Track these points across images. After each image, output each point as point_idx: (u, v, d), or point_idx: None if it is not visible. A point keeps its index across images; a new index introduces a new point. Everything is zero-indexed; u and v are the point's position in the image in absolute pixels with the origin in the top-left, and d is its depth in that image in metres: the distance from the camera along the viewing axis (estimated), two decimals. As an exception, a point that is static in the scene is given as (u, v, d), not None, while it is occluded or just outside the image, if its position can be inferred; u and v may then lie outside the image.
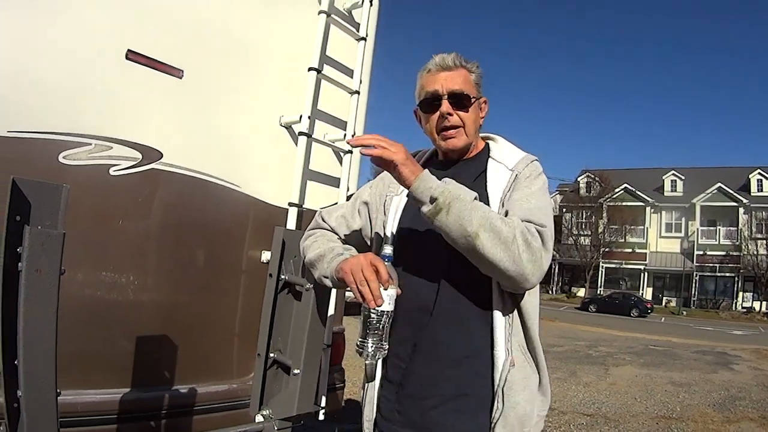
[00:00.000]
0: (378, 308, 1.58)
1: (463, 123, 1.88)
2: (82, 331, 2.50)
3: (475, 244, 1.56)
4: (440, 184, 1.64)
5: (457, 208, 1.58)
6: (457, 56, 1.92)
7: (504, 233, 1.57)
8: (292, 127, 3.22)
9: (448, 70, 1.89)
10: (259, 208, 3.14)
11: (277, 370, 2.43)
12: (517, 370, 1.72)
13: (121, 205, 2.67)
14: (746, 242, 43.24)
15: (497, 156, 1.92)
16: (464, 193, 1.62)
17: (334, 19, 3.11)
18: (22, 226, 1.58)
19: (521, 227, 1.61)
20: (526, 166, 1.86)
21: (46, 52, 2.43)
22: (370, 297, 1.57)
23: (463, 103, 1.87)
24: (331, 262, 1.81)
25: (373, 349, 1.64)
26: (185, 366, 2.87)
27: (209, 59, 2.96)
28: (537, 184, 1.82)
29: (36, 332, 1.58)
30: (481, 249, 1.56)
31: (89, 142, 2.54)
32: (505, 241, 1.56)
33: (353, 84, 3.27)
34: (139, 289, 2.73)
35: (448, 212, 1.59)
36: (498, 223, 1.58)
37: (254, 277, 3.00)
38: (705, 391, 10.40)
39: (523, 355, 1.76)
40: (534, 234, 1.62)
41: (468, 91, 1.88)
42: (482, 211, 1.60)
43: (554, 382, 10.38)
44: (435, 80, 1.89)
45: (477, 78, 1.94)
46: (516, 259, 1.57)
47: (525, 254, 1.57)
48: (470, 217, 1.57)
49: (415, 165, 1.68)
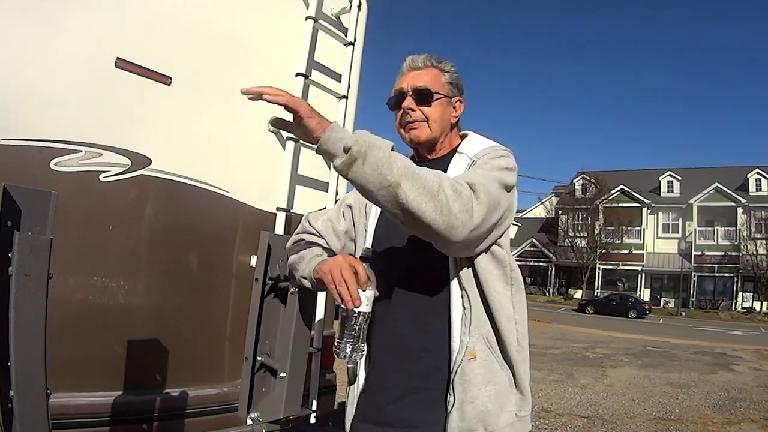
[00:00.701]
0: (356, 309, 1.59)
1: (426, 118, 1.90)
2: (74, 335, 2.53)
3: (396, 193, 1.44)
4: (360, 134, 1.50)
5: (374, 156, 1.44)
6: (429, 57, 1.97)
7: (429, 183, 1.46)
8: (280, 132, 3.24)
9: (416, 69, 1.96)
10: (248, 213, 3.16)
11: (265, 374, 2.45)
12: (479, 364, 1.70)
13: (111, 211, 2.69)
14: (745, 242, 43.18)
15: (463, 148, 1.93)
16: (380, 142, 1.49)
17: (321, 24, 3.14)
18: (13, 232, 1.60)
19: (449, 179, 1.53)
20: (487, 153, 1.83)
21: (36, 59, 2.45)
22: (348, 298, 1.57)
23: (426, 99, 1.90)
24: (310, 262, 1.83)
25: (351, 350, 1.64)
26: (177, 369, 2.89)
27: (197, 66, 2.98)
28: (492, 162, 1.76)
29: (26, 333, 1.60)
30: (404, 198, 1.43)
31: (79, 149, 2.56)
32: (431, 189, 1.45)
33: (341, 89, 3.30)
34: (130, 293, 2.75)
35: (365, 161, 1.44)
36: (422, 173, 1.48)
37: (244, 282, 3.00)
38: (704, 392, 10.36)
39: (488, 348, 1.72)
40: (463, 184, 1.54)
41: (434, 88, 1.91)
42: (403, 161, 1.48)
43: (551, 384, 10.41)
44: (403, 79, 1.96)
45: (451, 78, 1.97)
46: (444, 209, 1.46)
47: (454, 202, 1.47)
48: (389, 164, 1.44)
49: (322, 117, 1.54)
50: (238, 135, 3.16)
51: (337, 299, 1.61)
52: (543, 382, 10.63)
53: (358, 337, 1.64)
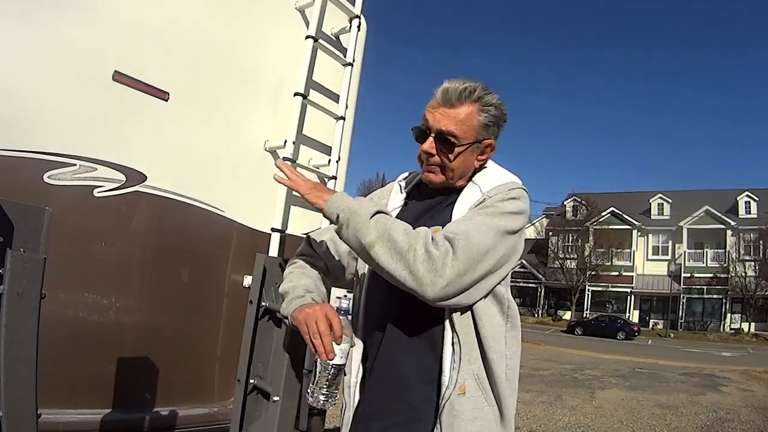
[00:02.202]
0: (330, 361, 1.60)
1: (444, 165, 1.81)
2: (64, 351, 2.49)
3: (370, 254, 1.61)
4: (347, 203, 1.70)
5: (354, 222, 1.64)
6: (469, 89, 1.78)
7: (400, 243, 1.58)
8: (277, 152, 3.23)
9: (449, 104, 1.77)
10: (242, 233, 3.15)
11: (257, 396, 2.42)
12: (467, 399, 1.68)
13: (104, 227, 2.67)
14: (734, 264, 43.43)
15: (479, 179, 1.86)
16: (362, 209, 1.67)
17: (321, 44, 3.13)
18: (5, 249, 1.58)
19: (425, 238, 1.60)
20: (499, 192, 1.76)
21: (33, 72, 2.44)
22: (322, 350, 1.60)
23: (448, 147, 1.78)
24: (290, 303, 1.83)
25: (324, 398, 1.64)
26: (167, 388, 2.86)
27: (196, 82, 2.98)
28: (500, 206, 1.72)
29: (16, 355, 1.58)
30: (376, 259, 1.60)
31: (74, 163, 2.54)
32: (401, 250, 1.57)
33: (339, 109, 3.29)
34: (122, 310, 2.72)
35: (348, 227, 1.66)
36: (396, 234, 1.60)
37: (236, 301, 2.99)
38: (692, 414, 10.39)
39: (478, 384, 1.70)
40: (440, 242, 1.58)
41: (461, 134, 1.77)
42: (383, 224, 1.63)
43: (539, 406, 10.37)
44: (432, 112, 1.80)
45: (488, 118, 1.80)
46: (411, 268, 1.56)
47: (422, 264, 1.55)
48: (366, 229, 1.62)
49: (323, 190, 1.80)
50: (234, 153, 3.16)
51: (312, 349, 1.63)
52: (531, 403, 10.58)
53: (330, 386, 1.65)
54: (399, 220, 1.71)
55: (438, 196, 1.93)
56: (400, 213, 1.96)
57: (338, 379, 1.66)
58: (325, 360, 1.59)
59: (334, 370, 1.63)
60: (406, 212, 1.95)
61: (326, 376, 1.62)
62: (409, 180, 2.07)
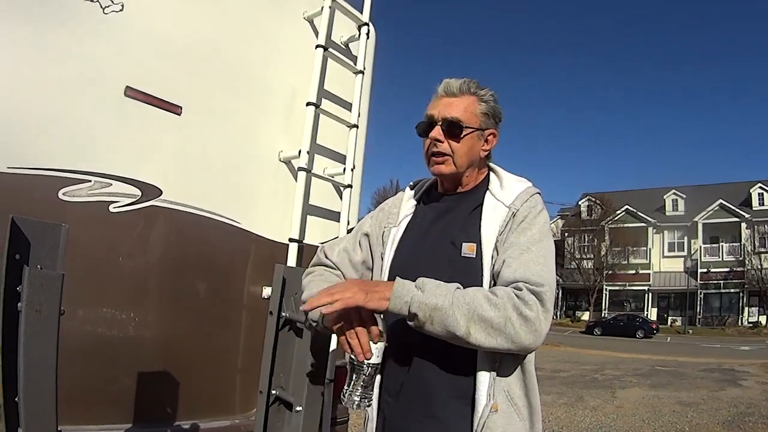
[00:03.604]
0: (367, 361, 1.58)
1: (453, 152, 1.83)
2: (84, 367, 2.49)
3: (469, 341, 1.56)
4: (413, 296, 1.57)
5: (440, 318, 1.55)
6: (467, 82, 1.87)
7: (495, 320, 1.54)
8: (291, 162, 3.23)
9: (451, 95, 1.86)
10: (259, 244, 3.14)
11: (280, 407, 2.41)
12: (500, 416, 1.66)
13: (121, 242, 2.66)
14: (750, 257, 43.26)
15: (495, 191, 1.87)
16: (440, 300, 1.56)
17: (331, 53, 3.13)
18: (22, 265, 1.58)
19: (512, 301, 1.57)
20: (524, 202, 1.80)
21: (46, 88, 2.44)
22: (359, 350, 1.57)
23: (455, 132, 1.82)
24: None
25: (360, 399, 1.63)
26: (187, 401, 2.85)
27: (207, 95, 2.98)
28: (536, 225, 1.75)
29: (36, 371, 1.58)
30: (477, 343, 1.56)
31: (89, 179, 2.54)
32: (498, 327, 1.54)
33: (351, 118, 3.29)
34: (140, 325, 2.71)
35: (432, 323, 1.56)
36: (486, 312, 1.54)
37: (255, 313, 2.99)
38: (713, 409, 10.32)
39: (509, 401, 1.69)
40: (529, 301, 1.57)
41: (466, 120, 1.83)
42: (466, 306, 1.55)
43: (561, 408, 10.31)
44: (435, 105, 1.87)
45: (487, 108, 1.88)
46: (514, 338, 1.55)
47: (522, 329, 1.55)
48: (455, 321, 1.54)
49: (376, 289, 1.62)
50: (249, 165, 3.15)
51: (347, 349, 1.60)
52: (553, 405, 10.52)
53: (366, 387, 1.63)
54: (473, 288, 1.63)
55: (446, 200, 1.95)
56: (412, 218, 1.97)
57: (374, 379, 1.65)
58: (362, 359, 1.57)
59: (371, 369, 1.61)
60: (418, 217, 1.96)
61: (362, 376, 1.60)
62: (419, 187, 2.09)
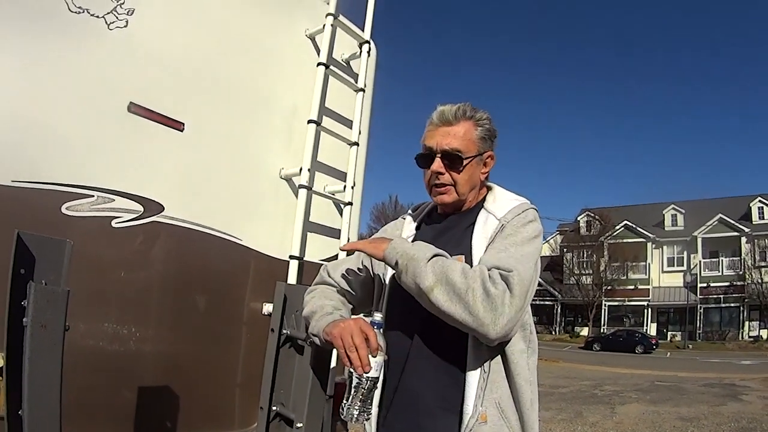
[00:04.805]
0: (366, 374, 1.60)
1: (455, 182, 1.87)
2: (86, 381, 2.49)
3: (429, 298, 1.62)
4: (404, 248, 1.73)
5: (413, 267, 1.66)
6: (461, 108, 1.89)
7: (458, 285, 1.59)
8: (292, 179, 3.25)
9: (447, 124, 1.88)
10: (260, 261, 3.15)
11: (280, 423, 2.42)
12: (489, 428, 1.68)
13: (123, 257, 2.67)
14: (750, 271, 43.09)
15: (490, 206, 1.91)
16: (420, 253, 1.68)
17: (332, 70, 3.16)
18: (27, 280, 1.60)
19: (482, 276, 1.61)
20: (516, 215, 1.83)
21: (50, 103, 2.46)
22: (358, 364, 1.60)
23: (456, 164, 1.86)
24: (319, 320, 1.84)
25: (358, 413, 1.64)
26: (188, 416, 2.85)
27: (210, 112, 3.00)
28: (523, 232, 1.78)
29: (40, 386, 1.60)
30: (436, 303, 1.61)
31: (91, 194, 2.55)
32: (459, 292, 1.58)
33: (352, 135, 3.32)
34: (142, 340, 2.72)
35: (406, 272, 1.67)
36: (454, 276, 1.61)
37: (255, 329, 3.00)
38: (715, 425, 10.23)
39: (500, 413, 1.71)
40: (497, 280, 1.60)
41: (465, 150, 1.86)
42: (440, 267, 1.64)
43: (559, 424, 10.26)
44: (433, 135, 1.89)
45: (484, 132, 1.91)
46: (471, 309, 1.57)
47: (481, 304, 1.57)
48: (425, 274, 1.63)
49: (379, 242, 1.81)
50: (250, 182, 3.18)
51: (347, 364, 1.62)
52: (551, 421, 10.47)
53: (365, 401, 1.64)
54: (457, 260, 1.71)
55: (446, 221, 1.98)
56: (413, 239, 1.99)
57: (373, 393, 1.66)
58: (360, 373, 1.59)
59: (370, 383, 1.62)
60: (420, 239, 1.98)
61: (361, 390, 1.62)
62: (420, 210, 2.13)
